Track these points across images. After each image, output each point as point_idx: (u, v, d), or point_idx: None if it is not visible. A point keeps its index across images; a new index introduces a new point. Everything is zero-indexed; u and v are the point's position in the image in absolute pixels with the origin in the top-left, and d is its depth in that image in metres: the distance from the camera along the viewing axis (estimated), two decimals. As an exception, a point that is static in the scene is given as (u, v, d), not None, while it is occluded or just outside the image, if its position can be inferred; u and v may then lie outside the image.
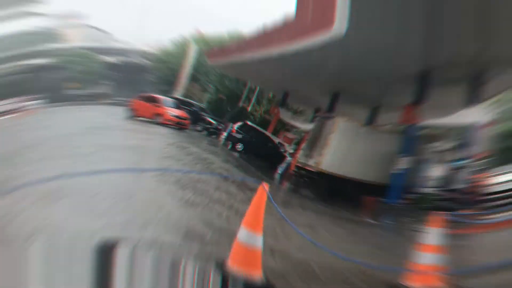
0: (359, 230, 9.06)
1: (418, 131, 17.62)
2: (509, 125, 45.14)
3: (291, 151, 32.32)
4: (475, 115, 17.09)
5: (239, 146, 23.78)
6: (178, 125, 21.93)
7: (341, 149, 18.47)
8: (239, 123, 25.66)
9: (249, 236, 3.26)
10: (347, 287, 3.75)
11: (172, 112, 21.99)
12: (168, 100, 24.04)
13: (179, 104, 25.15)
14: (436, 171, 18.02)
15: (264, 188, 3.38)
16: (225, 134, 32.31)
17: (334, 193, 19.13)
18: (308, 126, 30.76)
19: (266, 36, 22.48)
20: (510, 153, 21.69)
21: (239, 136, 24.18)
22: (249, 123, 28.28)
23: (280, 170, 22.39)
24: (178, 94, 40.81)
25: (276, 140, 28.84)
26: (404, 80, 17.63)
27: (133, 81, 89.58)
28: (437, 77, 16.37)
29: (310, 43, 14.80)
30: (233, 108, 47.76)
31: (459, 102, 17.74)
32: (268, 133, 30.18)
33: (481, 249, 7.11)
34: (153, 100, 22.81)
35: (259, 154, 23.81)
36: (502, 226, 8.74)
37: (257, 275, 3.19)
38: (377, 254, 5.95)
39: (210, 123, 27.61)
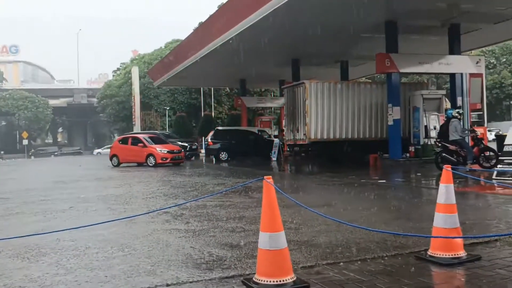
0: (375, 194, 9.96)
1: (399, 79, 19.83)
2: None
3: (275, 133, 35.18)
4: (462, 65, 19.61)
5: (223, 155, 26.18)
6: (174, 161, 22.56)
7: (323, 112, 20.31)
8: (211, 133, 27.98)
9: (272, 239, 3.35)
10: (374, 264, 4.15)
11: (163, 148, 22.59)
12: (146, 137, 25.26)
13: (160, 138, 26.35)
14: (431, 120, 19.55)
15: (268, 182, 3.45)
16: (203, 150, 34.81)
17: (336, 158, 21.86)
18: (280, 102, 33.61)
19: (207, 28, 24.84)
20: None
21: (217, 145, 26.50)
22: (220, 128, 30.69)
23: (273, 156, 25.01)
24: (136, 126, 42.88)
25: (256, 129, 31.45)
26: (369, 31, 19.69)
27: (84, 124, 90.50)
28: (406, 26, 18.54)
29: (263, 12, 16.44)
30: (197, 121, 50.08)
31: (438, 51, 20.16)
32: (244, 128, 32.77)
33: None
34: (136, 141, 23.39)
35: (247, 152, 26.23)
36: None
37: (289, 277, 3.43)
38: (400, 220, 6.52)
39: (183, 147, 29.68)
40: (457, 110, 14.05)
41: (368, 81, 29.29)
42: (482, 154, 13.60)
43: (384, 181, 12.85)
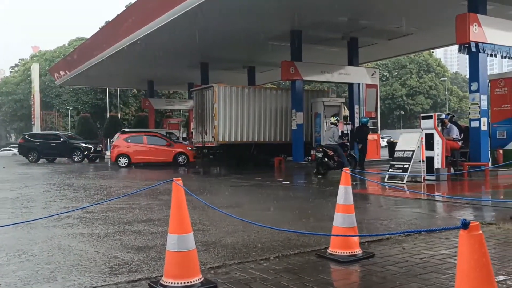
0: (280, 196, 10.33)
1: (302, 86, 20.70)
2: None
3: (184, 135, 34.81)
4: (359, 76, 21.21)
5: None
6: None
7: (231, 115, 20.60)
8: (117, 135, 27.01)
9: (180, 241, 3.30)
10: (279, 262, 4.25)
11: (191, 147, 22.94)
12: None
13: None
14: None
15: (177, 184, 3.37)
16: (108, 152, 33.37)
17: (243, 161, 22.24)
18: (189, 104, 33.40)
19: (114, 27, 23.90)
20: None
21: (124, 147, 25.63)
22: (127, 129, 29.68)
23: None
24: (36, 126, 40.17)
25: (164, 131, 30.90)
26: (276, 39, 20.40)
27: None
28: (310, 36, 19.45)
29: (172, 14, 16.25)
30: (102, 122, 48.03)
31: (339, 62, 21.49)
32: (152, 130, 32.04)
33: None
34: (156, 140, 23.00)
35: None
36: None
37: (197, 278, 3.40)
38: (303, 220, 6.71)
39: (87, 149, 28.29)
40: (336, 118, 14.64)
41: (274, 87, 30.05)
42: (349, 160, 14.53)
43: (288, 182, 13.24)
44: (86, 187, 12.47)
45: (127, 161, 22.00)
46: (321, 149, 14.17)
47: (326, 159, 13.87)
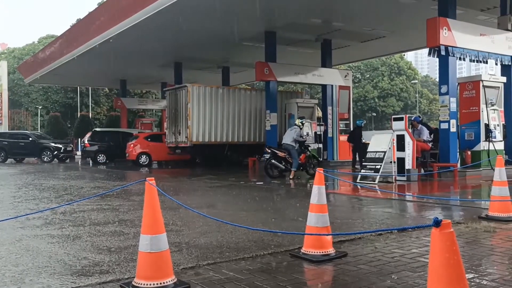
0: (254, 196, 10.37)
1: (276, 87, 20.71)
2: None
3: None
4: (332, 77, 21.45)
5: (101, 157, 24.99)
6: None
7: (205, 115, 20.47)
8: (89, 134, 26.57)
9: (153, 241, 3.28)
10: (252, 262, 4.25)
11: None
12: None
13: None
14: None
15: (150, 184, 3.35)
16: (79, 152, 32.82)
17: (216, 160, 22.19)
18: (162, 104, 33.10)
19: (86, 25, 23.48)
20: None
21: (94, 147, 25.22)
22: (98, 129, 29.27)
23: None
24: (4, 126, 39.11)
25: (136, 131, 30.49)
26: (250, 40, 20.44)
27: None
28: (284, 37, 19.63)
29: (146, 13, 16.04)
30: (73, 122, 47.14)
31: (312, 63, 21.69)
32: (124, 129, 31.61)
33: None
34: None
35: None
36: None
37: (170, 279, 3.37)
38: (277, 220, 6.76)
39: (57, 148, 27.78)
40: (301, 120, 14.71)
41: (248, 88, 30.04)
42: (309, 161, 14.57)
43: (262, 183, 13.25)
44: (56, 187, 12.21)
45: (147, 159, 22.38)
46: (269, 150, 14.15)
47: (273, 161, 13.86)
